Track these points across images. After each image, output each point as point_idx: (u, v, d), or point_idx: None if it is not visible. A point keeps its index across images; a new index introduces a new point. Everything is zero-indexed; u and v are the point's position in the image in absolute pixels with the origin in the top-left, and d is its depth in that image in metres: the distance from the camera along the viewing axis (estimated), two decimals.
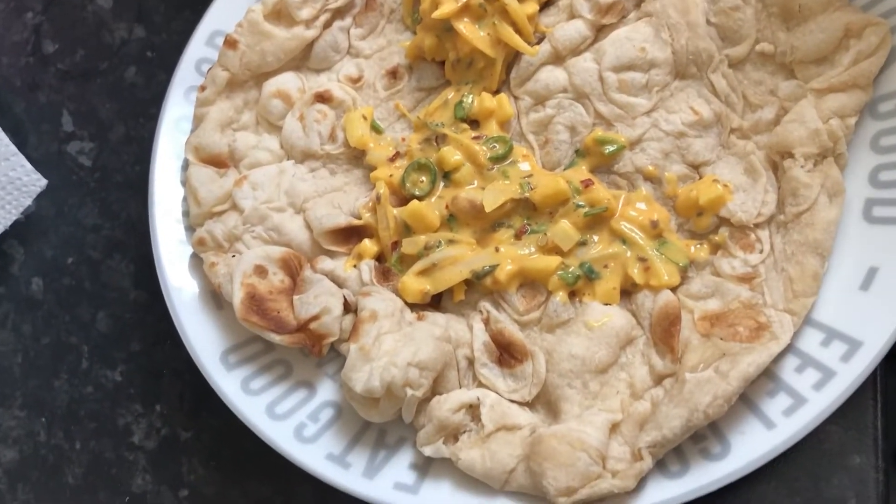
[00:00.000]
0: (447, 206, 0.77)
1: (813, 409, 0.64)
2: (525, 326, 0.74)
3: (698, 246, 0.74)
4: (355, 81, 0.87)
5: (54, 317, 0.94)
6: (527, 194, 0.76)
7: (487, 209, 0.75)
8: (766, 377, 0.66)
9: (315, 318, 0.75)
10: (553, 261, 0.74)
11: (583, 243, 0.74)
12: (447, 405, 0.70)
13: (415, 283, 0.76)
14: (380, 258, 0.80)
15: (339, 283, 0.78)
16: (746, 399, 0.66)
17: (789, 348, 0.67)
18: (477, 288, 0.76)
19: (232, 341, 0.79)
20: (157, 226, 0.82)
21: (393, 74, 0.87)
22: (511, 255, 0.75)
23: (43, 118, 1.03)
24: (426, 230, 0.77)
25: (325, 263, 0.79)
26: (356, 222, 0.80)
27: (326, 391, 0.77)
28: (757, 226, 0.72)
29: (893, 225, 0.68)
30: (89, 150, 1.00)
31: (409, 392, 0.69)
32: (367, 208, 0.81)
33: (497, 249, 0.75)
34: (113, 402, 0.90)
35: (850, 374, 0.64)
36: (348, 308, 0.77)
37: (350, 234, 0.81)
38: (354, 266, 0.79)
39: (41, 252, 0.97)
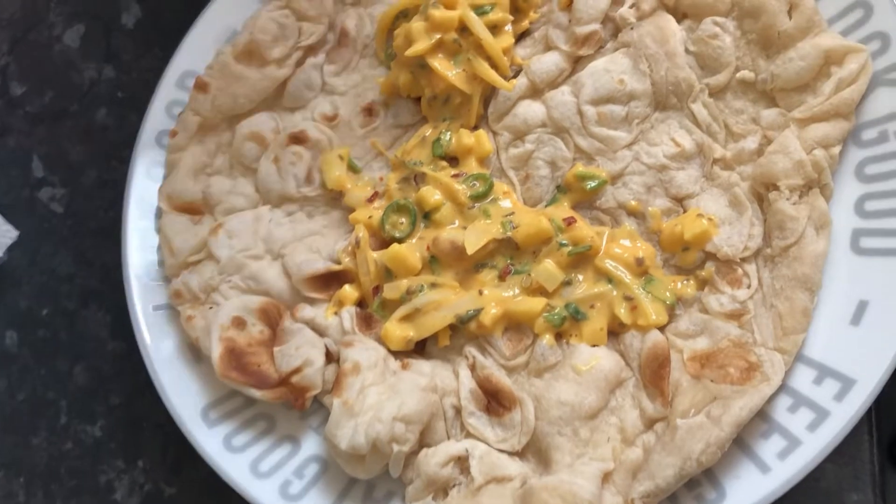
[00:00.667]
0: (428, 248, 0.76)
1: (808, 452, 0.63)
2: (512, 371, 0.73)
3: (685, 282, 0.73)
4: (331, 119, 0.85)
5: (30, 371, 0.92)
6: (509, 234, 0.74)
7: (469, 251, 0.73)
8: (760, 418, 0.65)
9: (297, 370, 0.73)
10: (538, 302, 0.72)
11: (568, 283, 0.73)
12: (435, 459, 0.68)
13: (398, 329, 0.74)
14: (361, 304, 0.78)
15: (321, 332, 0.76)
16: (740, 441, 0.65)
17: (782, 387, 0.66)
18: (462, 332, 0.74)
19: (212, 396, 0.77)
20: (133, 283, 0.80)
21: (368, 111, 0.85)
22: (495, 297, 0.73)
23: (13, 163, 1.01)
24: (408, 273, 0.75)
25: (306, 311, 0.77)
26: (335, 268, 0.78)
27: (311, 445, 0.75)
28: (744, 260, 0.71)
29: (882, 256, 0.67)
30: (61, 196, 0.98)
31: (396, 447, 0.68)
32: (347, 252, 0.79)
33: (481, 292, 0.74)
34: (94, 458, 0.88)
35: (845, 413, 0.63)
36: (330, 358, 0.75)
37: (330, 280, 0.79)
38: (335, 313, 0.77)
39: (15, 304, 0.95)
